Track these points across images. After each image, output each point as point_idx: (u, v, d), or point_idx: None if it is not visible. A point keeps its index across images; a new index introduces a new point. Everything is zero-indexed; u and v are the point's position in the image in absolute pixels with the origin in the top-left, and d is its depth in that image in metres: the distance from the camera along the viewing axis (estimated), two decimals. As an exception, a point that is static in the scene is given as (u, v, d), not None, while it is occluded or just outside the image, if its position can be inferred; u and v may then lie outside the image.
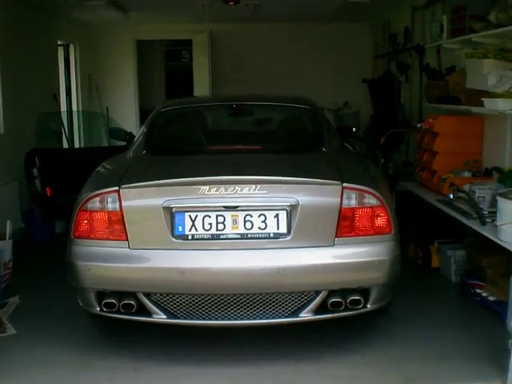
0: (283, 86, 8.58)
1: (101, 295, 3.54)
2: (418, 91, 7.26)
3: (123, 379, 3.48)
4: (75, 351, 3.83)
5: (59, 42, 8.41)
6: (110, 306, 3.49)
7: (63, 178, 5.81)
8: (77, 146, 8.84)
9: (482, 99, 4.54)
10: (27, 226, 6.53)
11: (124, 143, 5.75)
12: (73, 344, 3.93)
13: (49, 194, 5.81)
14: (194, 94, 9.42)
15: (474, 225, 4.33)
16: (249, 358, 3.65)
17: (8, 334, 4.08)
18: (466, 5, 4.92)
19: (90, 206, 3.51)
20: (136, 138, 4.59)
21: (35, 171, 5.77)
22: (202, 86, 9.35)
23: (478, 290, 4.54)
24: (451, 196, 4.85)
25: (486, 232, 4.15)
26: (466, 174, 5.18)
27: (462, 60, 5.57)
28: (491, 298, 4.38)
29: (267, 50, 9.43)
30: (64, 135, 8.01)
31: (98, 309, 3.57)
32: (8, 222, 5.06)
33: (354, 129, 5.80)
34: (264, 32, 9.36)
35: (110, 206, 3.47)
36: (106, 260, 3.48)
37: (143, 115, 10.28)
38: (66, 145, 8.07)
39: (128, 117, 9.54)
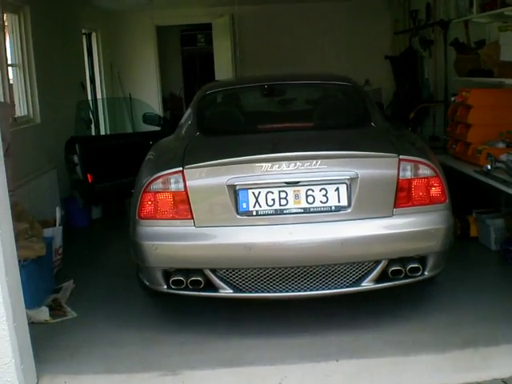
0: (305, 66, 8.67)
1: (167, 273, 3.67)
2: (442, 66, 7.33)
3: (191, 352, 3.61)
4: (139, 329, 3.98)
5: (82, 31, 8.49)
6: (177, 283, 3.61)
7: (103, 165, 5.94)
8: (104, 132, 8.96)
9: (519, 70, 4.63)
10: (66, 214, 6.66)
11: (158, 128, 5.89)
12: (135, 322, 4.08)
13: (90, 181, 5.93)
14: (216, 78, 9.50)
15: (513, 192, 4.45)
16: (312, 329, 3.79)
17: (69, 318, 4.22)
18: (498, -21, 5.00)
19: (153, 187, 3.62)
20: (183, 121, 4.69)
21: (76, 158, 5.89)
22: (224, 69, 9.42)
23: (519, 256, 4.67)
24: (489, 166, 4.95)
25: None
26: (501, 145, 5.26)
27: (493, 33, 5.65)
28: (534, 263, 4.51)
29: (288, 30, 9.48)
30: (92, 123, 8.14)
31: (165, 287, 3.69)
32: (57, 208, 5.19)
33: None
34: (284, 13, 9.41)
35: (173, 186, 3.58)
36: (172, 239, 3.60)
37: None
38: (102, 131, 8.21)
39: (150, 102, 9.58)
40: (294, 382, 3.22)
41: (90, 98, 8.51)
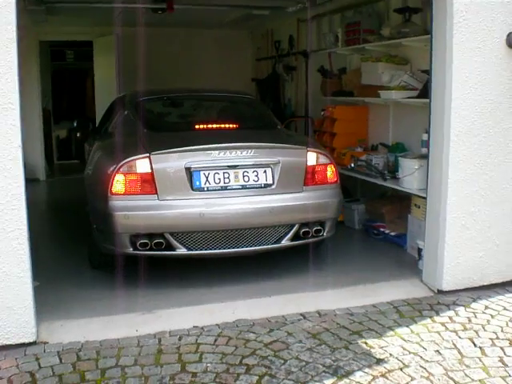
0: (186, 84, 9.73)
1: (133, 238, 4.60)
2: (303, 88, 8.86)
3: (160, 300, 4.54)
4: (107, 289, 4.84)
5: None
6: (144, 245, 4.57)
7: None
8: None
9: (379, 91, 6.19)
10: None
11: None
12: (100, 286, 4.93)
13: None
14: (96, 93, 10.28)
15: (379, 181, 6.00)
16: (252, 279, 4.98)
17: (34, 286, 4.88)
18: (360, 22, 6.61)
19: (124, 169, 4.55)
20: (115, 124, 5.67)
21: None
22: (105, 85, 10.11)
23: (381, 229, 6.20)
24: (352, 165, 6.50)
25: (388, 184, 5.83)
26: (359, 149, 6.86)
27: (353, 62, 7.27)
28: (393, 234, 6.06)
29: (169, 51, 10.40)
30: None
31: (132, 249, 4.61)
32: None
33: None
34: (164, 36, 10.25)
35: (142, 168, 4.56)
36: (140, 209, 4.56)
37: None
38: None
39: (30, 113, 9.88)
40: (243, 312, 4.33)
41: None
